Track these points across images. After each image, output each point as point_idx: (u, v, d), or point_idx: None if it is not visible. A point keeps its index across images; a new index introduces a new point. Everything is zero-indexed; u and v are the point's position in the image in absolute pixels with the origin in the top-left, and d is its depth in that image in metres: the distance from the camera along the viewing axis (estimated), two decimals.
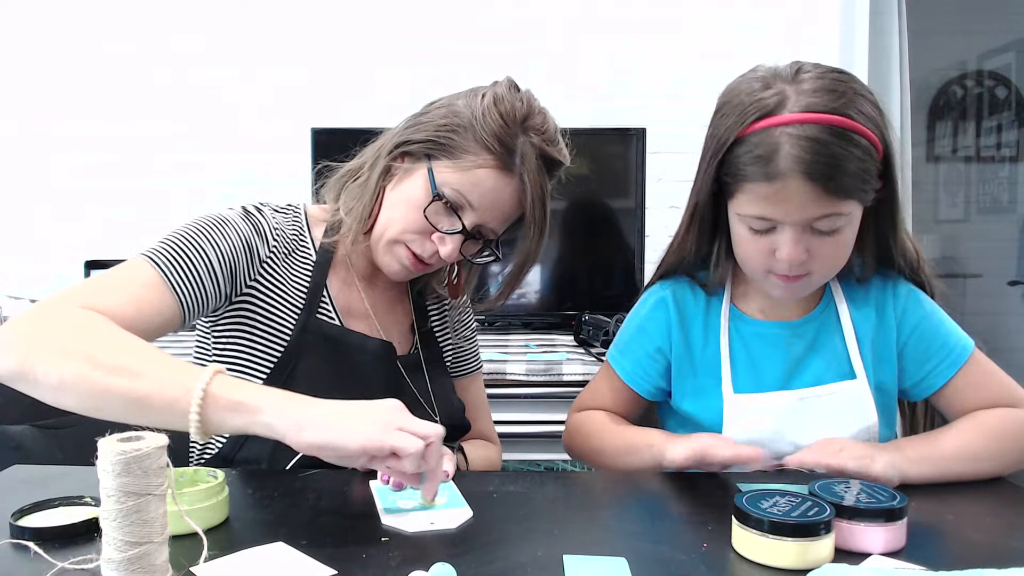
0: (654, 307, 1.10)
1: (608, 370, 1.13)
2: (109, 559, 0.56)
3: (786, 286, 0.96)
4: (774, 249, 0.92)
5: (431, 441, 0.74)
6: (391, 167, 1.01)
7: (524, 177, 0.96)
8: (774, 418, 1.00)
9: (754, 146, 0.89)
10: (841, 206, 0.89)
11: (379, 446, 0.72)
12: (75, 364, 0.73)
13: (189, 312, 0.90)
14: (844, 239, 0.93)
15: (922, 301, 1.05)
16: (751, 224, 0.93)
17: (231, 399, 0.72)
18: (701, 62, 2.32)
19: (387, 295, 1.10)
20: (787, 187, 0.87)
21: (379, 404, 0.77)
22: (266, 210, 1.02)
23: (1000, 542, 0.74)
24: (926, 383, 1.03)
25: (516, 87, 1.02)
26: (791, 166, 0.86)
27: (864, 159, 0.88)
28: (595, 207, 2.18)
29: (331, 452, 0.72)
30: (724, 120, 0.94)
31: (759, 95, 0.90)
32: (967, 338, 1.03)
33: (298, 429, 0.71)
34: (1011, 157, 3.74)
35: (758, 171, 0.88)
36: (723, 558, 0.69)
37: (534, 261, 1.03)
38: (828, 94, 0.88)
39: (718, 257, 1.05)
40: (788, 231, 0.91)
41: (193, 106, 2.36)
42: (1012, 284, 3.55)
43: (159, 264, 0.88)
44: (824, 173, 0.86)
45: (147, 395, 0.73)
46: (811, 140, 0.86)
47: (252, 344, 0.99)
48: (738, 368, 1.04)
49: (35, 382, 0.74)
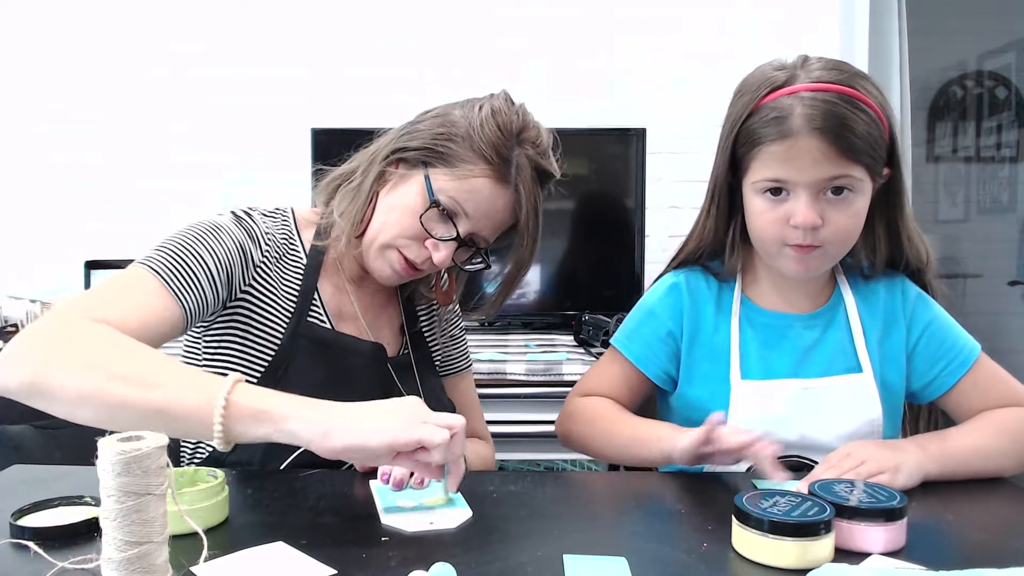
0: (667, 292, 1.10)
1: (613, 355, 1.12)
2: (109, 559, 0.56)
3: (800, 258, 0.97)
4: (788, 218, 0.95)
5: (456, 432, 0.75)
6: (385, 172, 1.02)
7: (519, 188, 0.98)
8: (779, 405, 1.01)
9: (768, 111, 0.94)
10: (852, 168, 0.92)
11: (406, 441, 0.72)
12: (92, 376, 0.73)
13: (191, 318, 0.90)
14: (856, 208, 0.96)
15: (930, 304, 1.08)
16: (765, 188, 0.96)
17: (254, 408, 0.73)
18: (701, 62, 2.32)
19: (376, 297, 1.11)
20: (799, 144, 0.92)
21: (400, 401, 0.77)
22: (255, 215, 1.03)
23: (1000, 542, 0.74)
24: (936, 384, 1.05)
25: (511, 100, 1.04)
26: (803, 124, 0.91)
27: (871, 126, 0.92)
28: (595, 207, 2.18)
29: (358, 454, 0.73)
30: (739, 100, 0.99)
31: (771, 75, 0.97)
32: (973, 340, 1.05)
33: (324, 435, 0.72)
34: (1011, 157, 3.74)
35: (772, 131, 0.93)
36: (723, 558, 0.69)
37: (527, 270, 1.06)
38: (835, 71, 0.94)
39: (733, 242, 1.07)
40: (802, 195, 0.94)
41: (193, 106, 2.36)
42: (1012, 284, 3.55)
43: (160, 273, 0.88)
44: (834, 130, 0.90)
45: (167, 406, 0.72)
46: (822, 101, 0.91)
47: (244, 347, 0.99)
48: (747, 355, 1.05)
49: (50, 396, 0.74)
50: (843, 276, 1.08)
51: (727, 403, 1.02)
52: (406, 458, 0.75)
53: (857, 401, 1.01)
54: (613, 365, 1.12)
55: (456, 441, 0.75)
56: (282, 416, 0.73)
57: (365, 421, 0.73)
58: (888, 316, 1.06)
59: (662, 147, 2.25)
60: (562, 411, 1.13)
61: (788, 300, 1.07)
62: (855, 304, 1.06)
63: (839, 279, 1.08)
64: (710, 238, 1.08)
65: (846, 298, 1.07)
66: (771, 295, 1.08)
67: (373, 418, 0.74)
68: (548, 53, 2.34)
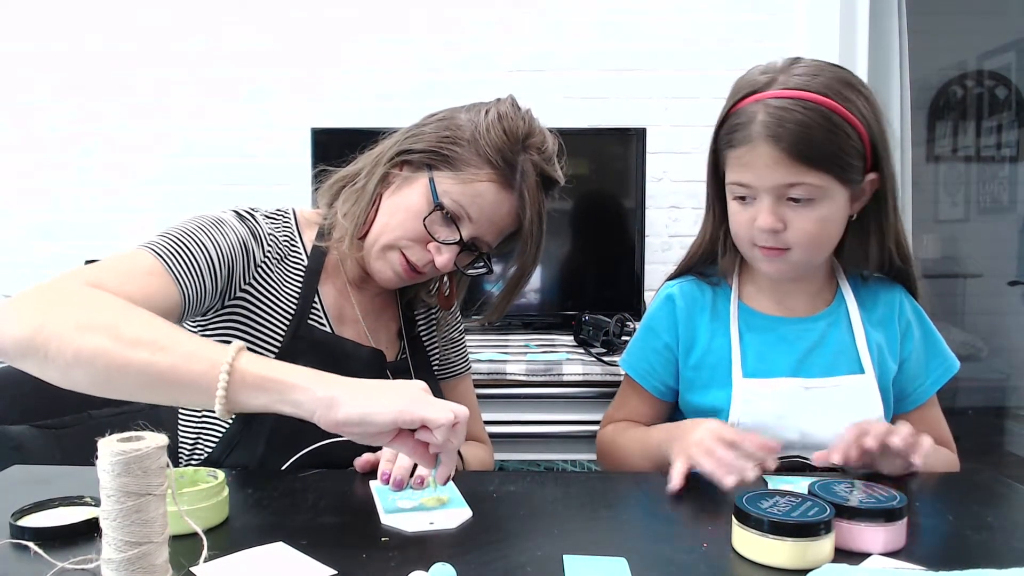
0: (661, 305, 1.13)
1: (625, 378, 1.17)
2: (109, 559, 0.56)
3: (768, 260, 1.00)
4: (755, 220, 0.97)
5: (459, 420, 0.74)
6: (389, 174, 1.02)
7: (524, 193, 0.98)
8: (781, 403, 1.02)
9: (736, 116, 0.97)
10: (810, 175, 0.93)
11: (411, 417, 0.71)
12: (95, 336, 0.71)
13: (188, 305, 0.89)
14: (821, 215, 0.96)
15: (923, 319, 1.10)
16: (736, 193, 0.99)
17: (259, 374, 0.71)
18: (701, 62, 2.32)
19: (376, 300, 1.11)
20: (756, 150, 0.94)
21: (406, 381, 0.77)
22: (258, 215, 1.02)
23: (1000, 542, 0.74)
24: (915, 396, 1.09)
25: (518, 105, 1.04)
26: (760, 131, 0.93)
27: (836, 135, 0.92)
28: (595, 207, 2.18)
29: (360, 428, 0.71)
30: (726, 103, 1.01)
31: (754, 78, 0.98)
32: (953, 357, 1.10)
33: (328, 406, 0.70)
34: (1011, 157, 3.74)
35: (736, 137, 0.96)
36: (723, 558, 0.69)
37: (530, 276, 1.06)
38: (812, 78, 0.94)
39: (725, 243, 1.08)
40: (764, 199, 0.96)
41: (193, 106, 2.36)
42: (1012, 284, 3.55)
43: (161, 254, 0.87)
44: (787, 138, 0.92)
45: (170, 369, 0.70)
46: (780, 109, 0.93)
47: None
48: (747, 357, 1.05)
49: (45, 356, 0.72)
50: (844, 279, 1.09)
51: (727, 405, 1.03)
52: (407, 437, 0.74)
53: (859, 402, 1.02)
54: (626, 387, 1.17)
55: (457, 430, 0.74)
56: (288, 385, 0.71)
57: (372, 394, 0.72)
58: (886, 322, 1.07)
59: (662, 147, 2.25)
60: (596, 449, 1.18)
61: (784, 303, 1.08)
62: (857, 309, 1.06)
63: (840, 282, 1.09)
64: (707, 240, 1.10)
65: (848, 303, 1.07)
66: (767, 299, 1.09)
67: (380, 393, 0.73)
68: (548, 53, 2.34)
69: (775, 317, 1.07)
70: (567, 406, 1.71)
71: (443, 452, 0.76)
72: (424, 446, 0.75)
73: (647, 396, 1.13)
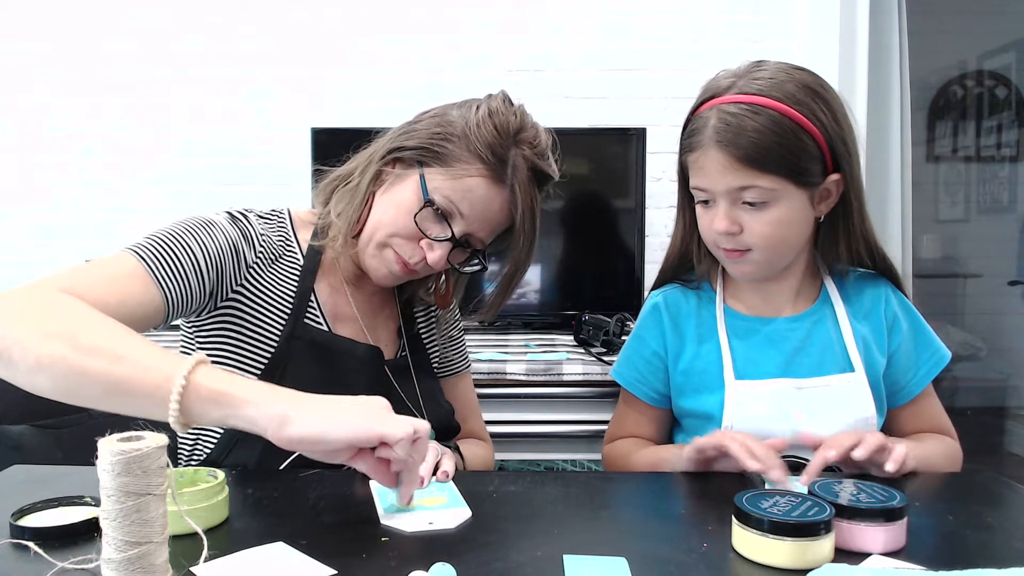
0: (648, 314, 1.14)
1: (620, 392, 1.17)
2: (109, 559, 0.56)
3: (731, 262, 1.02)
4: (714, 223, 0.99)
5: (419, 436, 0.73)
6: (382, 172, 1.02)
7: (515, 188, 0.97)
8: (774, 404, 1.02)
9: (694, 122, 1.00)
10: (761, 179, 0.94)
11: (367, 435, 0.70)
12: (54, 344, 0.70)
13: (172, 307, 0.89)
14: (776, 217, 0.97)
15: (911, 313, 1.10)
16: (698, 197, 1.01)
17: (213, 389, 0.69)
18: (701, 62, 2.32)
19: (373, 300, 1.10)
20: (706, 155, 0.96)
21: (367, 397, 0.75)
22: (251, 216, 1.02)
23: (1000, 542, 0.74)
24: (906, 391, 1.09)
25: (510, 101, 1.03)
26: (710, 136, 0.95)
27: (786, 139, 0.93)
28: (595, 207, 2.18)
29: (315, 446, 0.70)
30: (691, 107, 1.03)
31: (718, 82, 1.00)
32: (944, 348, 1.10)
33: (280, 424, 0.68)
34: (1011, 157, 3.74)
35: (692, 142, 0.99)
36: (723, 558, 0.69)
37: (524, 272, 1.05)
38: (768, 82, 0.95)
39: (699, 248, 1.09)
40: (720, 202, 0.98)
41: (193, 106, 2.36)
42: (1012, 284, 3.56)
43: (143, 257, 0.87)
44: (733, 142, 0.93)
45: (127, 379, 0.69)
46: (729, 114, 0.94)
47: (239, 349, 0.98)
48: (736, 359, 1.06)
49: (9, 361, 0.71)
50: (829, 278, 1.09)
51: (720, 408, 1.03)
52: (366, 455, 0.73)
53: (851, 400, 1.02)
54: (621, 401, 1.18)
55: (418, 446, 0.73)
56: (241, 401, 0.69)
57: (328, 412, 0.71)
58: (872, 315, 1.08)
59: (662, 147, 2.25)
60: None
61: (768, 304, 1.09)
62: (843, 306, 1.07)
63: (825, 279, 1.09)
64: (678, 244, 1.12)
65: (834, 300, 1.07)
66: (751, 300, 1.10)
67: (337, 410, 0.72)
68: (548, 52, 2.34)
69: (759, 318, 1.08)
70: (567, 406, 1.71)
71: (405, 470, 0.75)
72: (385, 464, 0.75)
73: (642, 405, 1.14)
